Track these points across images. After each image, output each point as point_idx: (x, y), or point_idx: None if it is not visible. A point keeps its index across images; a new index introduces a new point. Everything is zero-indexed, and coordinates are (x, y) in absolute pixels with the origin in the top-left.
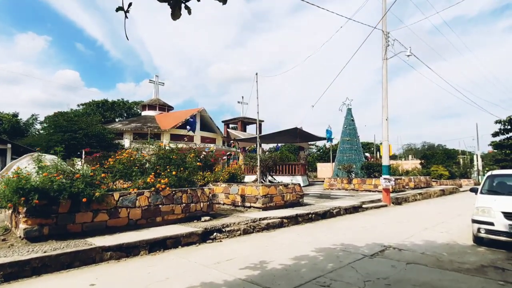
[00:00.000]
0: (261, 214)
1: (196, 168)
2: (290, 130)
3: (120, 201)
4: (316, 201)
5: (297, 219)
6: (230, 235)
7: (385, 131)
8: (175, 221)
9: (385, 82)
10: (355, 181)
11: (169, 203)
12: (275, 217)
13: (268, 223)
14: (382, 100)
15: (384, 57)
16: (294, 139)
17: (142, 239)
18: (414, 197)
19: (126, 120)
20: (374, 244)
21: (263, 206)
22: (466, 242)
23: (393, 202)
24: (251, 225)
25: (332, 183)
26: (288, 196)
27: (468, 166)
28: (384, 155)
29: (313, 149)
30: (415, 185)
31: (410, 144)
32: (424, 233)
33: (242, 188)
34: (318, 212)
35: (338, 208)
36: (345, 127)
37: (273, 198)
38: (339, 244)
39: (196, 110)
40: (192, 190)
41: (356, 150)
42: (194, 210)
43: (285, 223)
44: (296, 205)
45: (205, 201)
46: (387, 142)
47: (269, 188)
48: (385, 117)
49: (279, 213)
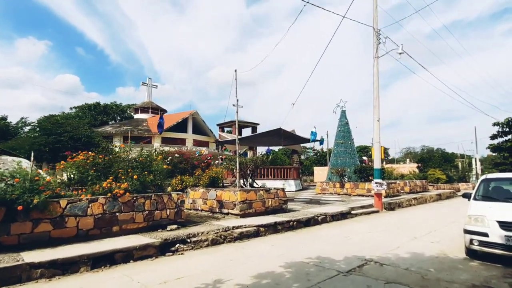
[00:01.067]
0: (237, 221)
1: (164, 172)
2: (273, 131)
3: (68, 209)
4: (304, 207)
5: (276, 227)
6: (195, 247)
7: (376, 133)
8: (136, 230)
9: (376, 81)
10: (348, 186)
11: (128, 210)
12: (250, 226)
13: (241, 232)
14: (374, 100)
15: (375, 55)
16: (278, 140)
17: (84, 254)
18: (409, 202)
19: (117, 123)
20: (353, 258)
21: (241, 213)
22: (457, 255)
23: (386, 208)
24: (222, 234)
25: (324, 188)
26: (270, 202)
27: (466, 169)
28: (376, 158)
29: (310, 153)
30: (411, 190)
31: (409, 148)
32: (413, 244)
33: (220, 193)
34: (300, 219)
35: (324, 215)
36: (339, 129)
37: (252, 204)
38: (314, 258)
39: (188, 113)
40: (157, 196)
41: (351, 153)
42: (159, 218)
43: (261, 232)
44: (278, 211)
45: (173, 208)
46: (378, 144)
47: (248, 193)
48: (377, 118)
49: (256, 221)
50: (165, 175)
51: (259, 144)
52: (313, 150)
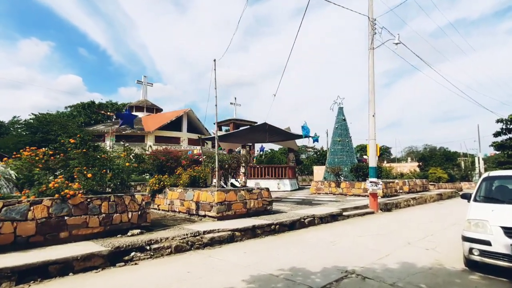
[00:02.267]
0: (212, 225)
1: (128, 170)
2: (258, 126)
3: (3, 213)
4: (293, 208)
5: (255, 231)
6: (155, 255)
7: (371, 129)
8: (90, 236)
9: (371, 74)
10: (344, 185)
11: (80, 213)
12: (224, 230)
13: (213, 237)
14: (369, 94)
15: (371, 46)
16: (264, 136)
17: (7, 266)
18: (407, 203)
19: (110, 122)
20: (333, 269)
21: (218, 215)
22: (455, 266)
23: (382, 209)
24: (190, 240)
25: (319, 187)
26: (252, 203)
27: (469, 168)
28: (371, 155)
29: (311, 152)
30: (410, 189)
31: (412, 147)
32: (405, 251)
33: (198, 193)
34: (284, 222)
35: (312, 217)
36: (336, 127)
37: (231, 206)
38: (287, 269)
39: (182, 111)
40: (117, 197)
41: (348, 152)
42: (119, 222)
43: (237, 237)
44: (262, 213)
45: (135, 211)
46: (374, 141)
47: (226, 193)
48: (372, 113)
49: (232, 225)
50: (128, 174)
51: (243, 141)
52: (313, 149)
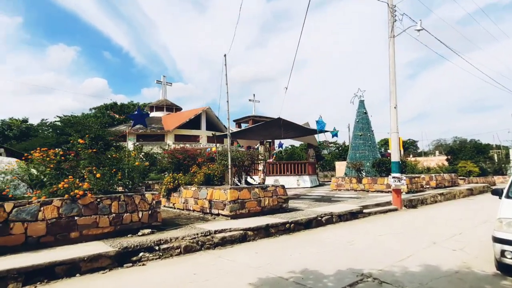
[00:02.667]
0: (224, 224)
1: (139, 169)
2: (272, 121)
3: (14, 213)
4: (310, 205)
5: (268, 230)
6: (164, 255)
7: (393, 121)
8: (101, 236)
9: (392, 64)
10: (365, 181)
11: (90, 213)
12: (236, 229)
13: (224, 237)
14: (390, 85)
15: (391, 34)
16: (279, 132)
17: (14, 267)
18: (434, 199)
19: (131, 122)
20: (348, 271)
21: (232, 213)
22: (485, 269)
23: (406, 205)
24: (200, 240)
25: (339, 184)
26: (267, 200)
27: (503, 161)
28: (393, 149)
29: (333, 148)
30: (437, 184)
31: (440, 140)
32: (429, 252)
33: (211, 192)
34: (299, 220)
35: (330, 215)
36: (357, 121)
37: (245, 204)
38: (298, 271)
39: (201, 109)
40: (127, 197)
41: (370, 146)
42: (129, 221)
43: (249, 237)
44: (277, 211)
45: (146, 210)
46: (396, 134)
47: (240, 191)
48: (393, 104)
49: (245, 223)
50: (140, 173)
51: (259, 138)
52: (335, 144)
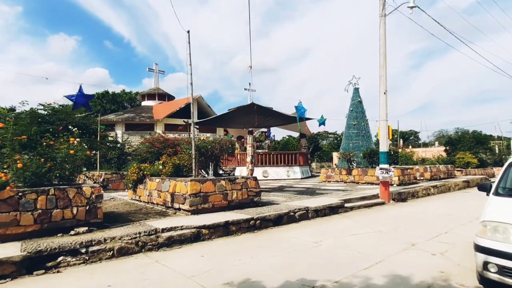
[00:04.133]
0: (181, 220)
1: (75, 159)
2: (246, 107)
3: None
4: (290, 198)
5: (228, 228)
6: (91, 259)
7: (383, 108)
8: (23, 236)
9: (383, 45)
10: (355, 172)
11: (9, 210)
12: (188, 227)
13: (171, 236)
14: (379, 69)
15: (382, 13)
16: (253, 120)
17: None
18: (426, 191)
19: (121, 111)
20: (297, 284)
21: (192, 208)
22: (466, 282)
23: (394, 199)
24: (141, 240)
25: (329, 175)
26: (235, 194)
27: (503, 152)
28: (382, 138)
29: (331, 138)
30: (432, 176)
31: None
32: (404, 257)
33: (174, 184)
34: (267, 217)
35: (305, 210)
36: (351, 109)
37: (208, 198)
38: (236, 284)
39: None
40: (59, 191)
41: (364, 136)
42: (61, 219)
43: (204, 236)
44: (247, 205)
45: (83, 205)
46: (385, 122)
47: (202, 184)
48: (383, 89)
49: (201, 220)
50: (74, 163)
51: (232, 126)
52: (334, 134)
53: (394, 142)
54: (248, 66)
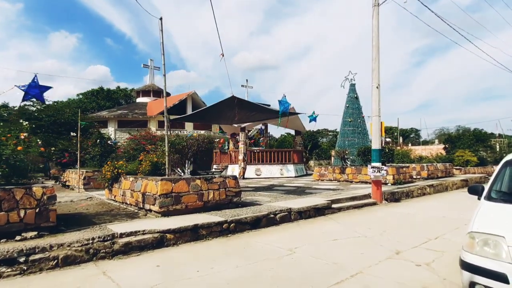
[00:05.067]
0: (147, 224)
1: (20, 154)
2: (226, 101)
3: None
4: (276, 198)
5: (197, 232)
6: (30, 270)
7: (375, 103)
8: None
9: (375, 37)
10: (349, 171)
11: None
12: (151, 231)
13: (129, 242)
14: (372, 62)
15: (375, 2)
16: (233, 114)
17: None
18: (422, 191)
19: (115, 108)
20: None
21: (162, 210)
22: None
23: (387, 199)
24: (94, 247)
25: (322, 173)
26: (212, 194)
27: (504, 150)
28: (374, 135)
29: (331, 135)
30: (429, 175)
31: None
32: (384, 268)
33: (145, 183)
34: (242, 219)
35: (287, 212)
36: (347, 106)
37: (181, 198)
38: None
39: (186, 94)
40: (4, 191)
41: (360, 134)
42: (5, 223)
43: (168, 241)
44: (225, 206)
45: (32, 208)
46: (378, 118)
47: (174, 183)
48: (376, 83)
49: (167, 223)
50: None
51: (215, 121)
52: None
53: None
54: (220, 54)
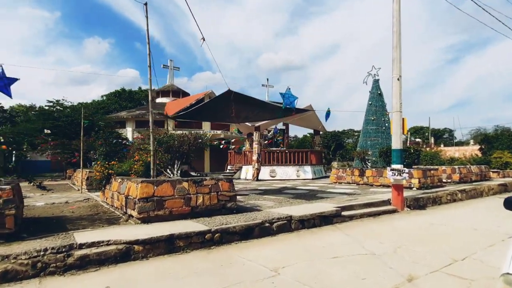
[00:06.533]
0: (119, 232)
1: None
2: (222, 96)
3: None
4: (279, 204)
5: (173, 244)
6: None
7: (396, 97)
8: None
9: (396, 22)
10: (369, 173)
11: None
12: (115, 242)
13: (85, 255)
14: (393, 50)
15: None
16: (229, 112)
17: None
18: (452, 197)
19: (133, 108)
20: None
21: (141, 216)
22: None
23: (410, 206)
24: (43, 261)
25: (340, 176)
26: (201, 198)
27: None
28: (395, 133)
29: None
30: (462, 178)
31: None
32: None
33: (129, 185)
34: (230, 229)
35: (286, 220)
36: (370, 103)
37: (164, 203)
38: None
39: (203, 94)
40: None
41: (384, 133)
42: None
43: (136, 253)
44: (217, 212)
45: None
46: (399, 114)
47: (157, 186)
48: (397, 75)
49: (138, 232)
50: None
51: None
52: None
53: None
54: (200, 39)
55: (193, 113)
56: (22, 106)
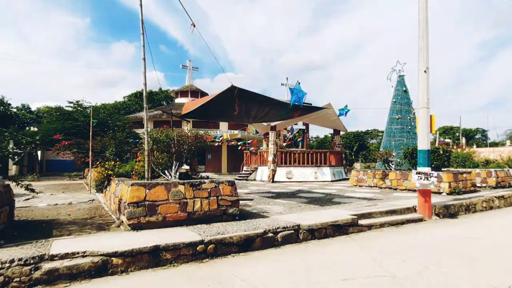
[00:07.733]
0: (107, 240)
1: None
2: (225, 93)
3: None
4: (290, 209)
5: (158, 256)
6: None
7: (422, 91)
8: None
9: (423, 9)
10: (392, 176)
11: None
12: (91, 254)
13: (54, 269)
14: (419, 39)
15: None
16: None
17: None
18: (488, 204)
19: (152, 108)
20: None
21: (131, 222)
22: None
23: (439, 214)
24: (5, 275)
25: (360, 178)
26: (199, 203)
27: None
28: (421, 132)
29: (380, 136)
30: (499, 182)
31: None
32: None
33: (123, 188)
34: (227, 239)
35: (293, 230)
36: (394, 101)
37: (157, 208)
38: None
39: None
40: None
41: (410, 133)
42: None
43: (114, 267)
44: (217, 219)
45: None
46: (426, 110)
47: (149, 189)
48: (423, 66)
49: (121, 241)
50: None
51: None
52: None
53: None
54: (191, 25)
55: (199, 112)
56: (48, 107)
